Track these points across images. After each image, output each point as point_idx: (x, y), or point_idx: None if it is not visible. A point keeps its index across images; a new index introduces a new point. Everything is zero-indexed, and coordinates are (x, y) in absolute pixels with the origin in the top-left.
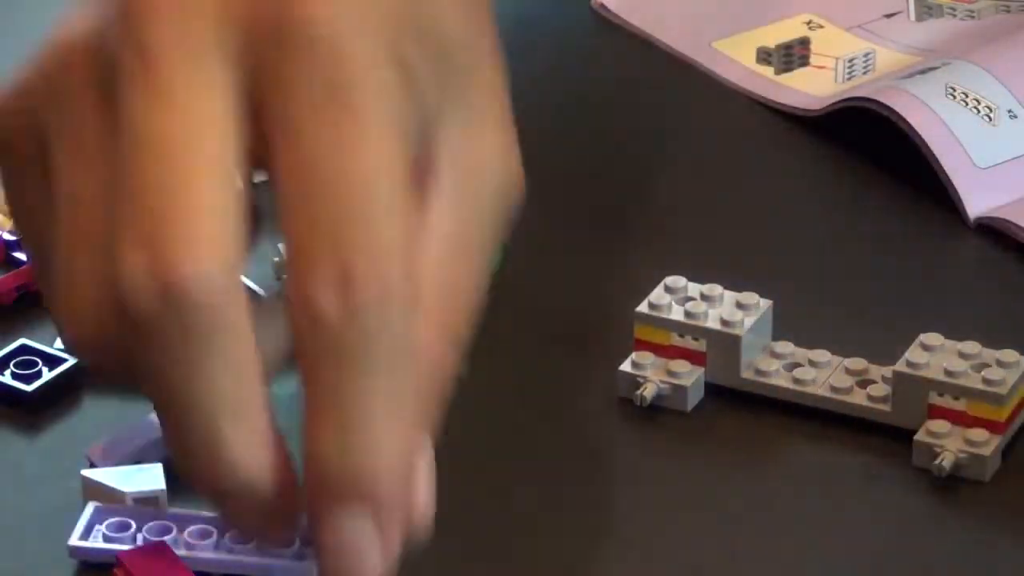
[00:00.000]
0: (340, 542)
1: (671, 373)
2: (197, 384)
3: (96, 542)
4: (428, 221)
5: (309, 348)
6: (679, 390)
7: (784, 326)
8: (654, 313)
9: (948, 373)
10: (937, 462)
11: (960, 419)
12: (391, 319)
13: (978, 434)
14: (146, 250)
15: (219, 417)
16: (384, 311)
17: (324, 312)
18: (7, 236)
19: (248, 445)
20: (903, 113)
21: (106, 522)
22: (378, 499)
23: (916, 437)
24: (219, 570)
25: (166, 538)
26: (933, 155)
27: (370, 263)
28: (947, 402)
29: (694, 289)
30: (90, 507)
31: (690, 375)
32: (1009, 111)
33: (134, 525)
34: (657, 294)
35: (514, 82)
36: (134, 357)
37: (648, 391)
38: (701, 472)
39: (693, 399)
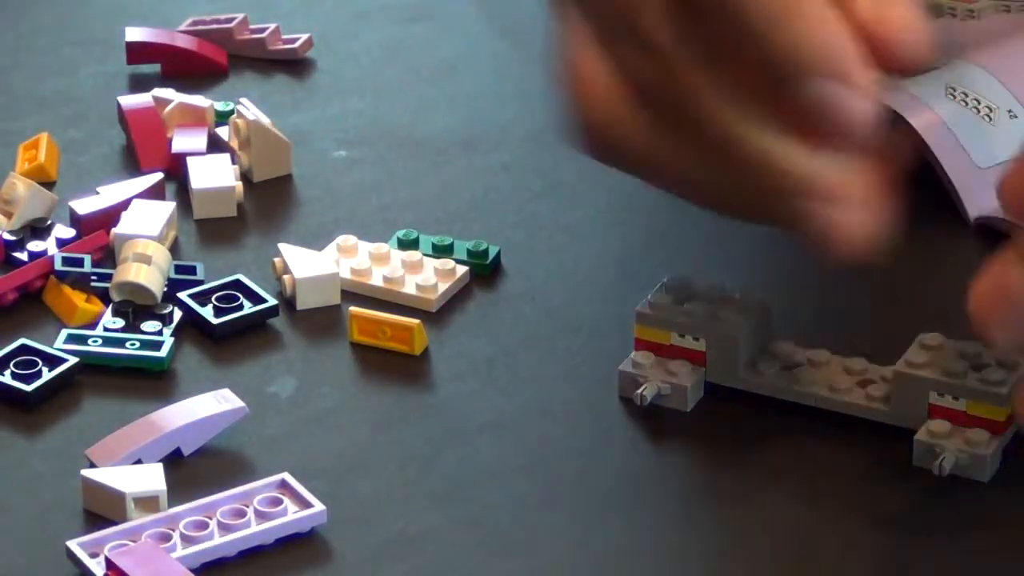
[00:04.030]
0: None
1: (671, 373)
2: None
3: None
4: None
5: None
6: (679, 390)
7: (784, 326)
8: (654, 313)
9: (948, 373)
10: (937, 462)
11: (960, 419)
12: None
13: (978, 434)
14: None
15: None
16: None
17: None
18: (7, 236)
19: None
20: (903, 113)
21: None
22: None
23: (916, 437)
24: (221, 554)
25: (164, 546)
26: (933, 155)
27: None
28: (947, 402)
29: (694, 289)
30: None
31: (690, 375)
32: (1009, 111)
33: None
34: (657, 294)
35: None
36: None
37: (648, 391)
38: (701, 472)
39: (693, 399)
